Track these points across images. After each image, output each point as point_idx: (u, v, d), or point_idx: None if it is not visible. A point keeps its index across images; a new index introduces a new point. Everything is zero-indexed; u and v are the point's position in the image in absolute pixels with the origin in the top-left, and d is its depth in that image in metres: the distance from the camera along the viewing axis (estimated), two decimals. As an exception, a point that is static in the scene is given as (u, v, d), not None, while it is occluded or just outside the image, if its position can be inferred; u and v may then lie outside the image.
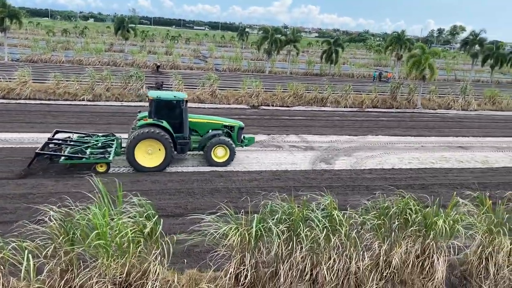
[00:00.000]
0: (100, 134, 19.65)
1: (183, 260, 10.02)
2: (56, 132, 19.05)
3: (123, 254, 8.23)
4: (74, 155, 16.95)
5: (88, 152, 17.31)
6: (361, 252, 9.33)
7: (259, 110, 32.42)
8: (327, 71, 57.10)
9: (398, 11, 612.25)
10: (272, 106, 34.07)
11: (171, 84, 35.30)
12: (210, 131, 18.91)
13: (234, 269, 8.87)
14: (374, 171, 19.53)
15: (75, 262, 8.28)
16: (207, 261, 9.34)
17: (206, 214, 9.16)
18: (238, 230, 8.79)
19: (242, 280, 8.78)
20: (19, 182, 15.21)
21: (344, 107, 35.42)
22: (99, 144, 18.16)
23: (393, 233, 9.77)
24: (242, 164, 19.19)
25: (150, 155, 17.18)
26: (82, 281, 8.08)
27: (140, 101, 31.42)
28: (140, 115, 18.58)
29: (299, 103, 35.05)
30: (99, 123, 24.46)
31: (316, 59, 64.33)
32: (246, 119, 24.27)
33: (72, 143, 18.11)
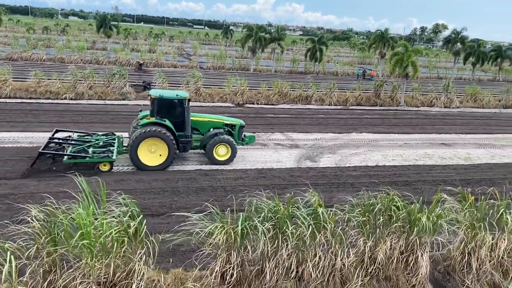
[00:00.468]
0: (100, 133, 19.50)
1: (168, 259, 9.97)
2: (56, 131, 18.85)
3: (107, 254, 8.15)
4: (77, 154, 16.79)
5: (91, 151, 17.17)
6: (346, 249, 9.40)
7: (244, 108, 32.35)
8: (312, 69, 57.27)
9: (381, 10, 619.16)
10: (257, 104, 34.03)
11: (155, 83, 35.02)
12: (212, 129, 19.01)
13: (220, 267, 8.86)
14: (359, 168, 19.68)
15: (58, 262, 8.17)
16: (192, 260, 9.29)
17: (191, 212, 9.11)
18: (224, 228, 8.78)
19: (228, 279, 8.78)
20: (0, 182, 14.91)
21: (329, 105, 35.57)
22: (100, 143, 18.06)
23: (377, 229, 9.87)
24: (227, 162, 19.14)
25: (153, 154, 17.13)
26: (65, 282, 7.97)
27: (124, 99, 31.17)
28: (141, 114, 18.57)
29: (284, 101, 35.08)
30: (82, 122, 24.15)
31: (300, 57, 64.47)
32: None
33: (73, 142, 17.94)
